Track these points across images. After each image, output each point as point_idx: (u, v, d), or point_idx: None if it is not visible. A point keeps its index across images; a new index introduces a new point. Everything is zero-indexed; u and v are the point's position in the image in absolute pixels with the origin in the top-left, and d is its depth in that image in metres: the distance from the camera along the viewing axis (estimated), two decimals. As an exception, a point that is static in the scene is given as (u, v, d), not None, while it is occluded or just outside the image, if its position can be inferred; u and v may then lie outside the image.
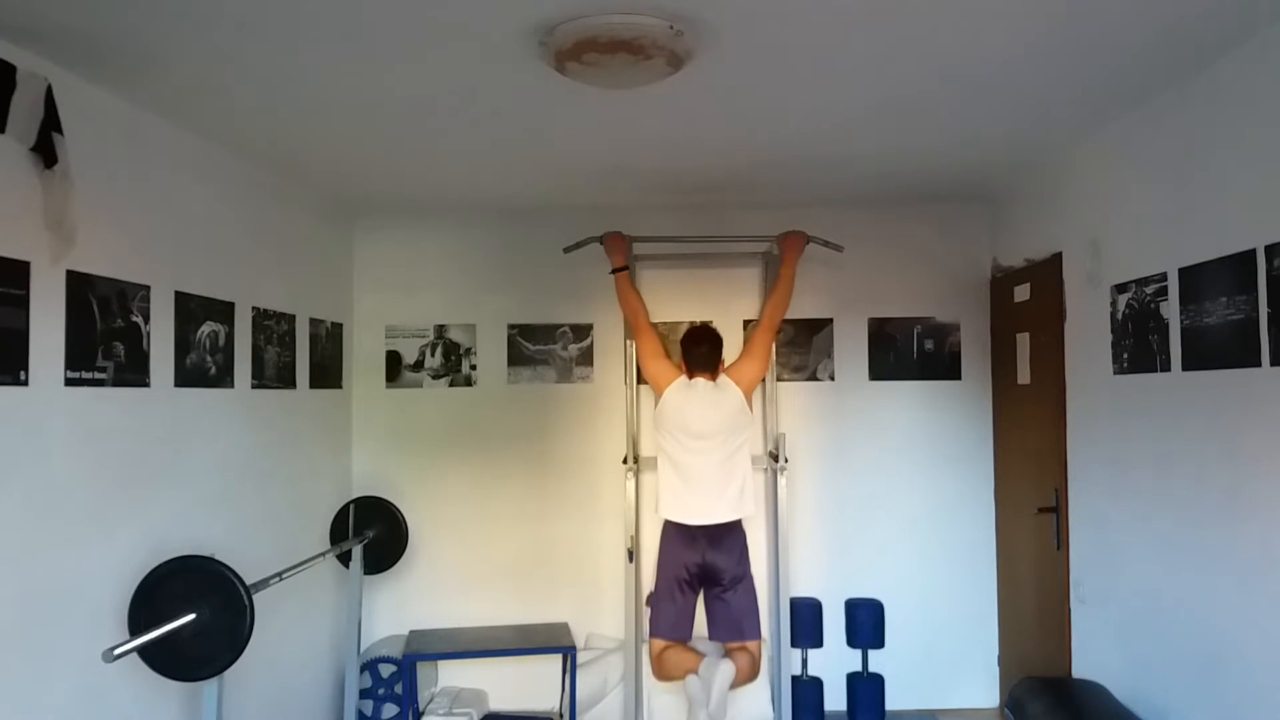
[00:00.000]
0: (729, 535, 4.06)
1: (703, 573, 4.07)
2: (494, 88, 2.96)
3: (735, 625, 4.07)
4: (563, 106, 3.14)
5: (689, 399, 4.11)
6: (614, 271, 4.39)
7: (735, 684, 3.92)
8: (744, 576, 4.11)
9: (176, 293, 3.28)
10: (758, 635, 4.13)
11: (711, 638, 4.16)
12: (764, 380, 4.63)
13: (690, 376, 4.16)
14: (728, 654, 4.05)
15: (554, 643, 4.54)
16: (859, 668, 4.66)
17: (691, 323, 4.56)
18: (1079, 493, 3.85)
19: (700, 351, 4.16)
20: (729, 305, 4.90)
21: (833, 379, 4.95)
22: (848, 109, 3.26)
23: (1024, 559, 4.46)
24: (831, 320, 4.93)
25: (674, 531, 4.12)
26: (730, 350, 4.40)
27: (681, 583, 4.09)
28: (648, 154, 3.83)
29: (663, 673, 4.11)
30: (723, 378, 4.18)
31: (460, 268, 5.01)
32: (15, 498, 2.52)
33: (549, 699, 4.77)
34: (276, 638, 3.79)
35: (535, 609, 4.87)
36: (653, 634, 4.13)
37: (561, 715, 4.59)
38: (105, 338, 2.87)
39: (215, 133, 3.45)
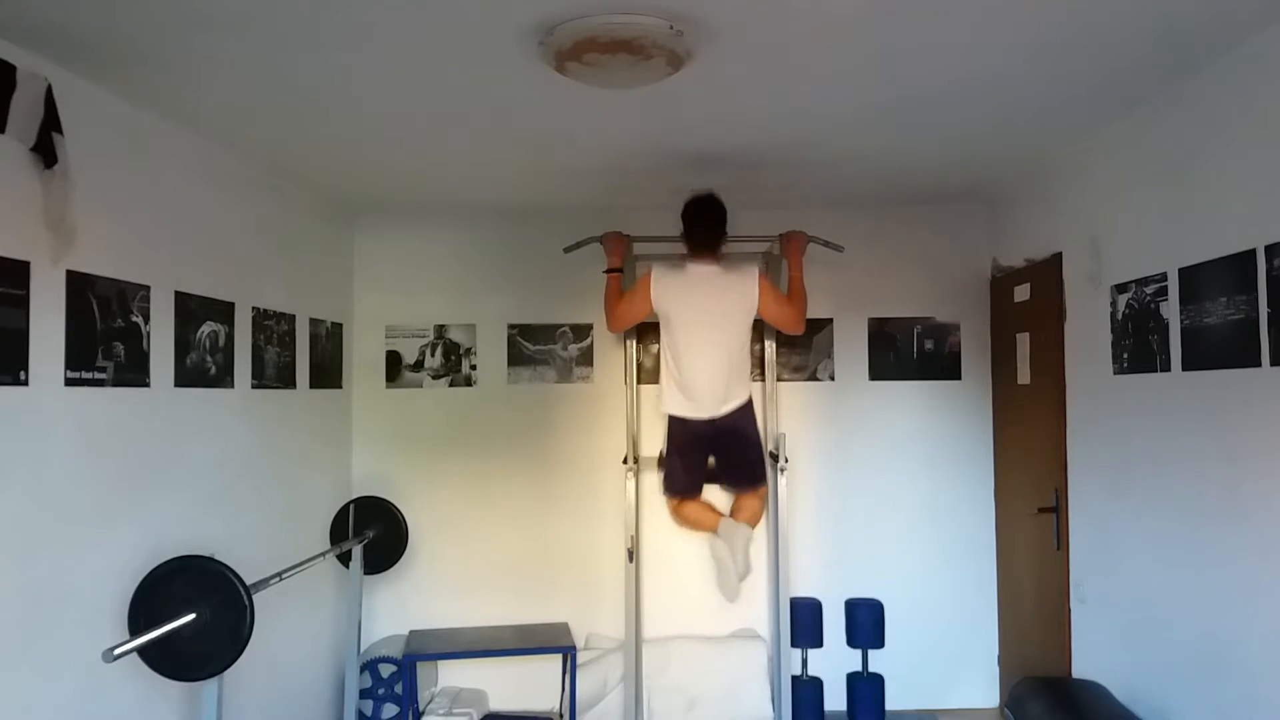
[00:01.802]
0: (734, 415, 4.09)
1: (713, 444, 4.14)
2: (494, 88, 2.96)
3: (748, 478, 4.25)
4: (563, 106, 3.14)
5: (679, 291, 4.04)
6: (608, 271, 4.38)
7: (751, 525, 4.28)
8: (754, 441, 4.19)
9: (176, 293, 3.28)
10: (765, 480, 4.30)
11: (723, 485, 4.38)
12: (764, 380, 4.64)
13: (691, 253, 4.09)
14: (737, 505, 4.32)
15: (554, 643, 4.55)
16: (859, 668, 4.65)
17: (694, 191, 4.10)
18: (1079, 493, 3.85)
19: (703, 235, 4.07)
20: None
21: (833, 379, 4.95)
22: (848, 109, 3.26)
23: (1024, 559, 4.46)
24: (831, 320, 4.93)
25: (679, 419, 4.14)
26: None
27: (690, 450, 4.17)
28: (648, 154, 3.83)
29: (679, 521, 4.47)
30: (748, 268, 4.12)
31: (460, 268, 5.01)
32: (15, 497, 2.52)
33: (549, 699, 4.77)
34: (276, 638, 3.78)
35: (535, 609, 4.87)
36: (665, 492, 4.32)
37: (561, 715, 4.59)
38: (105, 338, 2.87)
39: (215, 133, 3.46)
